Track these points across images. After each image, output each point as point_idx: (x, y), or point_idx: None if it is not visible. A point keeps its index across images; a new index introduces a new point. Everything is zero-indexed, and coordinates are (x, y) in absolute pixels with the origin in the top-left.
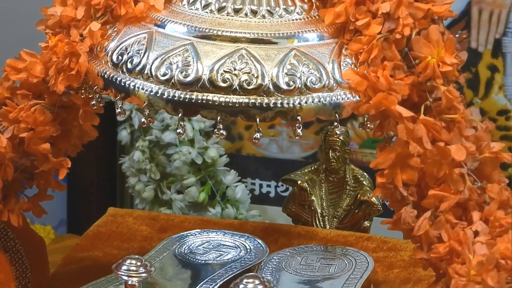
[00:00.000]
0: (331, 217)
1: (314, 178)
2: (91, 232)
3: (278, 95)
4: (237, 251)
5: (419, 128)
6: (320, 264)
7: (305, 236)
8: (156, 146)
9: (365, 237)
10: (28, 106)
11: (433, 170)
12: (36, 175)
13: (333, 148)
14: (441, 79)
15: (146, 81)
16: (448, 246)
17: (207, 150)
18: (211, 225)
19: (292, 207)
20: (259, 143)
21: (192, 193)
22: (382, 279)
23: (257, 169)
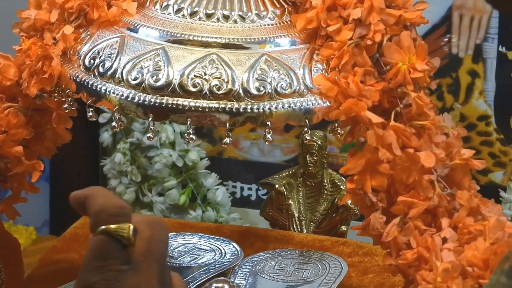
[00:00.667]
0: (308, 221)
1: (291, 182)
2: (68, 234)
3: (248, 100)
4: (211, 254)
5: (389, 134)
6: (294, 269)
7: (281, 240)
8: (137, 148)
9: (341, 241)
10: (1, 109)
11: (402, 176)
12: (10, 177)
13: (310, 153)
14: (411, 86)
15: (117, 85)
16: (416, 252)
17: (188, 153)
18: (188, 228)
19: (269, 211)
20: (240, 146)
21: (173, 195)
22: (356, 284)
23: (239, 172)
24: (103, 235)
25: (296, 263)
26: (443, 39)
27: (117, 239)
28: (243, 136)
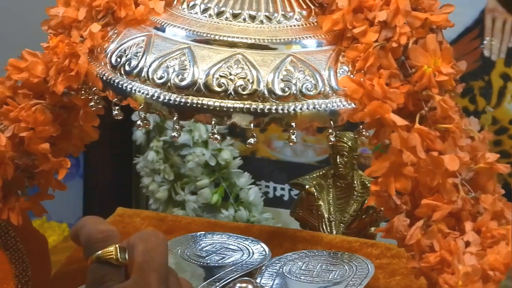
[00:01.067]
0: (338, 222)
1: (322, 183)
2: None
3: (273, 101)
4: (239, 254)
5: (413, 137)
6: (321, 270)
7: (310, 241)
8: (171, 147)
9: (370, 243)
10: (29, 106)
11: (426, 179)
12: (37, 174)
13: (341, 154)
14: (436, 89)
15: (143, 83)
16: (439, 255)
17: (220, 152)
18: (218, 227)
19: (299, 212)
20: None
21: (205, 194)
22: (383, 286)
23: (272, 172)
24: (95, 263)
25: (324, 264)
26: (476, 42)
27: (107, 263)
28: (276, 136)
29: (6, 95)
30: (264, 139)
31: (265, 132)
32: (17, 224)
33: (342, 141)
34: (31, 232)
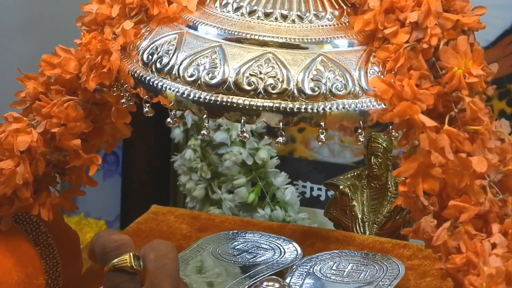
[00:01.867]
0: (372, 223)
1: (356, 183)
2: (131, 228)
3: (302, 100)
4: (271, 253)
5: (442, 138)
6: (351, 270)
7: (342, 241)
8: (208, 145)
9: (402, 244)
10: (61, 102)
11: (454, 180)
12: (68, 170)
13: (375, 154)
14: (466, 90)
15: (174, 81)
16: (465, 257)
17: (258, 151)
18: (251, 226)
19: (333, 212)
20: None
21: (242, 193)
22: (413, 287)
23: (309, 172)
24: (110, 271)
25: (354, 264)
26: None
27: (122, 270)
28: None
29: (39, 91)
30: (301, 139)
31: (303, 132)
32: (47, 219)
33: (377, 142)
34: (62, 228)
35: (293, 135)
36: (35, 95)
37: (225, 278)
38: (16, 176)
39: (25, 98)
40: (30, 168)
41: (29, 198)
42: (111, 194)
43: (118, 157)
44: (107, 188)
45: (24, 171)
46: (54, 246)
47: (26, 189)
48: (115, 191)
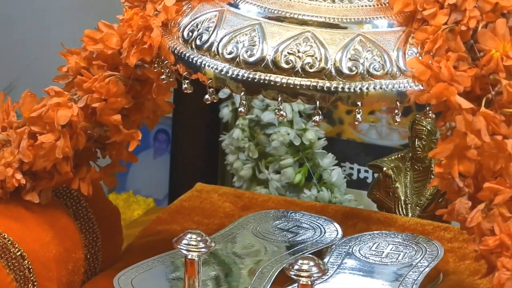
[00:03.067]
0: (414, 205)
1: (400, 165)
2: (174, 206)
3: (340, 79)
4: (311, 233)
5: (478, 120)
6: (390, 251)
7: (384, 222)
8: (257, 125)
9: (443, 227)
10: (102, 77)
11: (489, 163)
12: (108, 145)
13: (419, 137)
14: (504, 73)
15: (213, 58)
16: (498, 239)
17: (305, 132)
18: (294, 206)
19: (376, 193)
20: (359, 128)
21: (289, 174)
22: (452, 269)
23: (357, 154)
24: None
25: (394, 245)
26: None
27: None
28: None
29: (81, 66)
30: (350, 121)
31: (351, 114)
32: (87, 194)
33: (421, 124)
34: (103, 203)
35: (341, 117)
36: (77, 70)
37: (264, 256)
38: (56, 150)
39: (67, 73)
40: (71, 142)
41: (69, 172)
42: (161, 172)
43: (169, 135)
44: (157, 166)
45: (64, 145)
46: (94, 221)
47: (66, 163)
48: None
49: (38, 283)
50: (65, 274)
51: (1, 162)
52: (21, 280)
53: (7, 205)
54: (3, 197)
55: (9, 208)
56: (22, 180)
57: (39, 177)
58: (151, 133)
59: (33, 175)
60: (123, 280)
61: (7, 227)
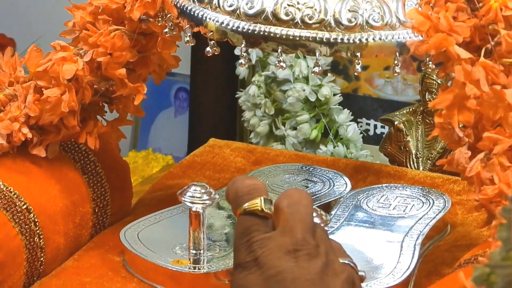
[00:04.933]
0: (425, 158)
1: (411, 119)
2: (186, 161)
3: (339, 30)
4: (320, 186)
5: (477, 70)
6: (397, 203)
7: (394, 175)
8: (273, 82)
9: (453, 179)
10: (107, 31)
11: (489, 112)
12: (115, 99)
13: (429, 91)
14: (503, 23)
15: (214, 11)
16: (497, 188)
17: (321, 88)
18: (305, 160)
19: (388, 147)
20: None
21: (305, 130)
22: (460, 221)
23: (374, 110)
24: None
25: (401, 198)
26: None
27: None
28: (377, 74)
29: (87, 21)
30: (366, 76)
31: (367, 70)
32: (94, 148)
33: (431, 78)
34: (112, 158)
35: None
36: (83, 25)
37: None
38: (62, 104)
39: (74, 28)
40: (77, 96)
41: (76, 126)
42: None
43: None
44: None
45: (70, 99)
46: (103, 175)
47: (72, 117)
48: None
49: (44, 236)
50: (72, 227)
51: (7, 117)
52: (27, 233)
53: (13, 159)
54: (10, 151)
55: (16, 162)
56: (29, 134)
57: (46, 131)
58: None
59: (40, 129)
60: (130, 234)
61: (13, 181)
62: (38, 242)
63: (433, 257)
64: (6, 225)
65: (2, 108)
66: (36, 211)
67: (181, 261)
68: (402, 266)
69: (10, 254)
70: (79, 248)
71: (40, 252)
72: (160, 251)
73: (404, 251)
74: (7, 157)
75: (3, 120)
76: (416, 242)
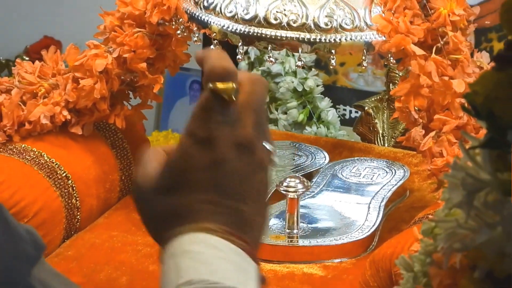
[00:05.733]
0: (390, 137)
1: (378, 105)
2: None
3: (317, 32)
4: (305, 159)
5: (429, 64)
6: (366, 173)
7: (364, 150)
8: (268, 75)
9: (411, 154)
10: (132, 33)
11: (439, 99)
12: (138, 88)
13: (393, 82)
14: (450, 26)
15: (217, 16)
16: (445, 160)
17: (306, 80)
18: (293, 138)
19: (360, 128)
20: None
21: (294, 114)
22: (417, 187)
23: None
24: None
25: (369, 168)
26: None
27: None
28: (352, 69)
29: (115, 24)
30: (343, 71)
31: (344, 66)
32: (121, 127)
33: (395, 72)
34: (137, 136)
35: (336, 69)
36: (112, 28)
37: None
38: (95, 91)
39: (104, 30)
40: (107, 85)
41: (106, 109)
42: None
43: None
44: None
45: (101, 88)
46: (128, 149)
47: (103, 102)
48: None
49: (80, 199)
50: (103, 191)
51: (51, 102)
52: (66, 196)
53: (56, 136)
54: (53, 130)
55: (58, 139)
56: (68, 116)
57: (81, 114)
58: (187, 83)
59: (77, 112)
60: None
61: (55, 153)
62: (75, 203)
63: (394, 216)
64: (48, 189)
65: (46, 94)
66: (73, 178)
67: None
68: (369, 223)
69: (52, 213)
70: (108, 208)
71: (76, 211)
72: None
73: (371, 211)
74: (51, 134)
75: (47, 105)
76: (380, 204)
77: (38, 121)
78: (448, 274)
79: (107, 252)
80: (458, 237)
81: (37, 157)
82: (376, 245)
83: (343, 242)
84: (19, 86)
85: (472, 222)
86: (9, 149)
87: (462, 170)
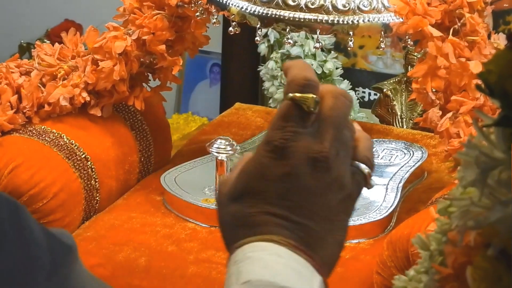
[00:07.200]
0: (408, 119)
1: (397, 87)
2: (216, 120)
3: (335, 14)
4: None
5: (446, 46)
6: (384, 154)
7: (382, 132)
8: (288, 58)
9: (430, 135)
10: (151, 15)
11: (456, 80)
12: (157, 70)
13: (411, 64)
14: (467, 8)
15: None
16: (462, 141)
17: (325, 63)
18: None
19: (378, 110)
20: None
21: None
22: (435, 169)
23: (369, 81)
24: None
25: (388, 150)
26: None
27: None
28: (371, 52)
29: (134, 6)
30: (362, 54)
31: (363, 48)
32: (140, 109)
33: (413, 54)
34: (156, 117)
35: (355, 51)
36: (131, 10)
37: None
38: (114, 73)
39: (124, 13)
40: (126, 67)
41: (125, 91)
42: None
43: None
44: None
45: (120, 70)
46: (148, 131)
47: (122, 84)
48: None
49: (99, 180)
50: (122, 173)
51: (70, 83)
52: (85, 177)
53: (75, 117)
54: (73, 111)
55: (77, 120)
56: (87, 97)
57: (101, 95)
58: (207, 67)
59: (96, 94)
60: (168, 178)
61: (74, 135)
62: (94, 185)
63: (412, 197)
64: (68, 171)
65: (66, 76)
66: (92, 160)
67: (209, 200)
68: (387, 204)
69: (71, 194)
70: (127, 189)
71: (95, 192)
72: (192, 192)
73: (389, 192)
74: (70, 116)
75: (67, 86)
76: (398, 185)
77: (58, 102)
78: (463, 252)
79: (126, 233)
80: (472, 215)
81: (56, 138)
82: (393, 226)
83: (361, 223)
84: (38, 68)
85: (486, 200)
86: (29, 131)
87: (476, 148)
